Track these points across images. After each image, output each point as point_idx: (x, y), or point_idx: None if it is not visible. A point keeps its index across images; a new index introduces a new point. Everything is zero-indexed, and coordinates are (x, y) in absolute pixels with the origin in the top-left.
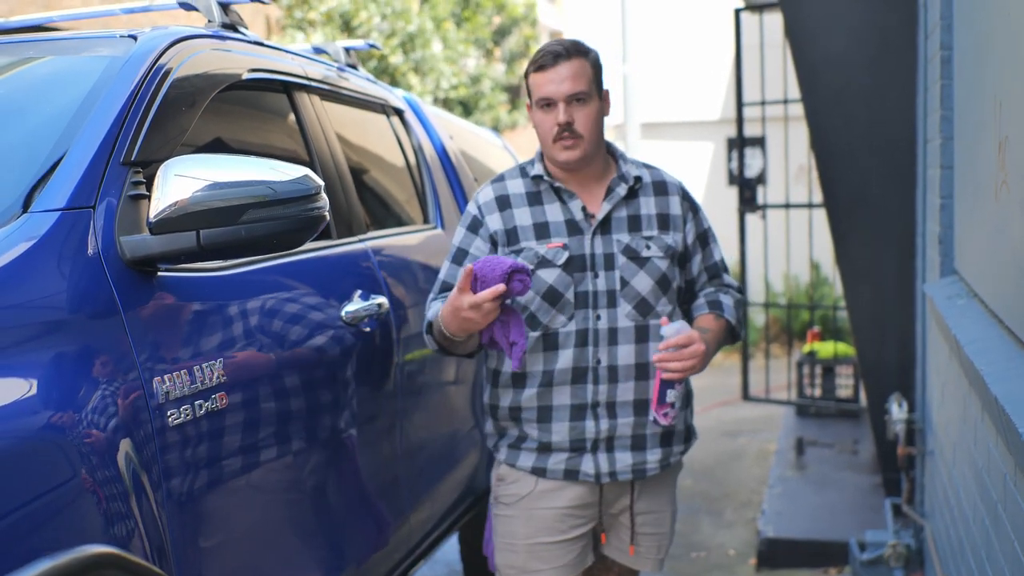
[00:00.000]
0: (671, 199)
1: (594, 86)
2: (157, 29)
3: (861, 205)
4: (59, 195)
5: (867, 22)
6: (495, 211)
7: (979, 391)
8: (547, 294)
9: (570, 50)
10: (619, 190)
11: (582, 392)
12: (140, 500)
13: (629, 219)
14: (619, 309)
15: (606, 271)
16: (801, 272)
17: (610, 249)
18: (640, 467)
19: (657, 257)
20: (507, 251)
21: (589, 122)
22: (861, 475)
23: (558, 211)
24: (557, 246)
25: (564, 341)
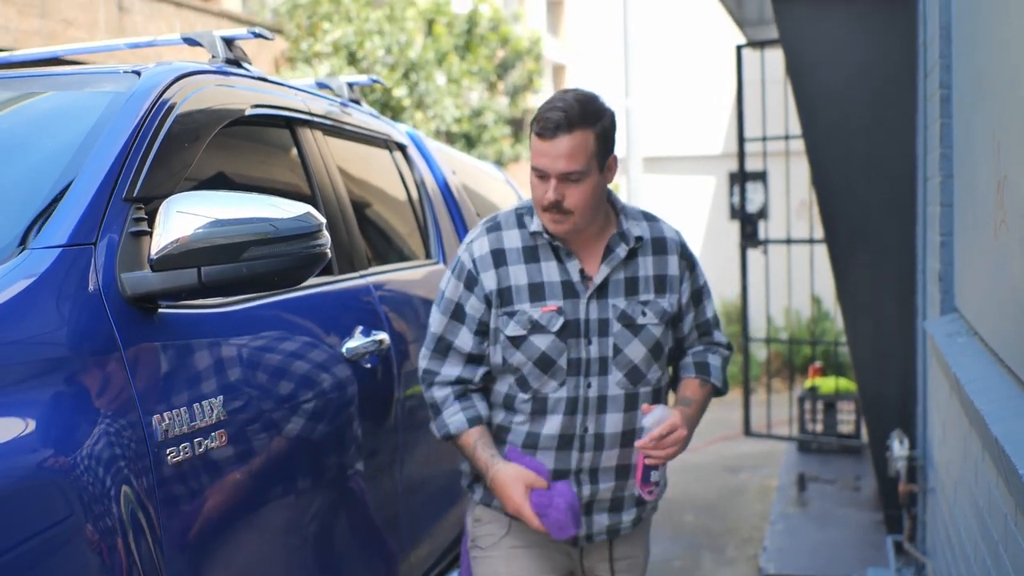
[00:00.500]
0: (670, 259)
1: (595, 161)
2: (161, 65)
3: (861, 241)
4: (60, 231)
5: (867, 60)
6: (491, 268)
7: (979, 430)
8: (539, 360)
9: (574, 121)
10: (619, 251)
11: (566, 458)
12: (138, 539)
13: (627, 282)
14: (610, 377)
15: (600, 337)
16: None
17: (605, 315)
18: (615, 527)
19: (652, 324)
20: (500, 312)
21: (582, 198)
22: (863, 512)
23: (555, 271)
24: (551, 310)
25: (553, 407)
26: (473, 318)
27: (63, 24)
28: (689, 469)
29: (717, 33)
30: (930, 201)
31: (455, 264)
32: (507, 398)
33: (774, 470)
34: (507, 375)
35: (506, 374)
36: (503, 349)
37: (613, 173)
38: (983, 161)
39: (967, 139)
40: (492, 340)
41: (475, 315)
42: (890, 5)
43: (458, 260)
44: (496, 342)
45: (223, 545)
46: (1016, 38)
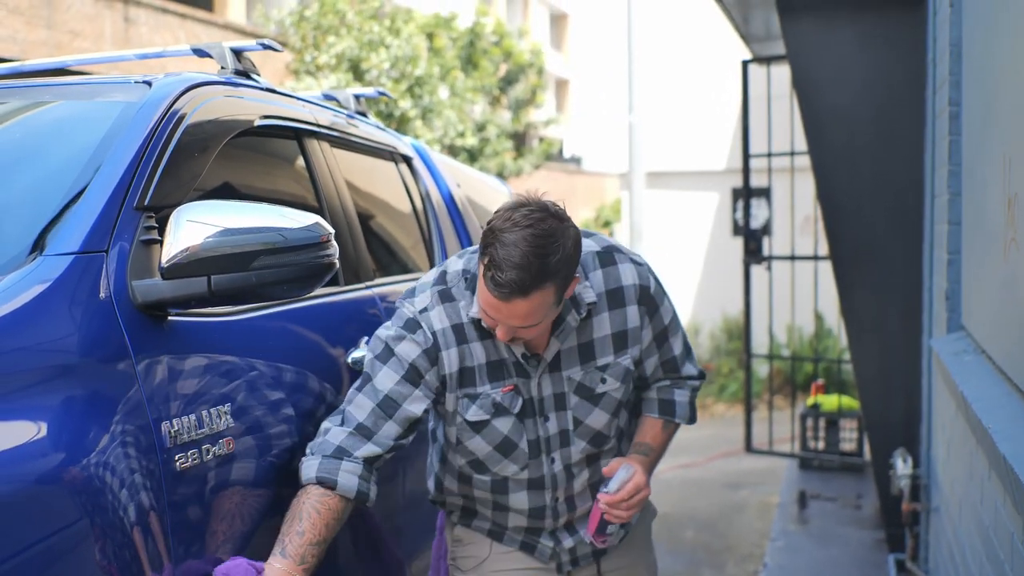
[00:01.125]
0: (628, 311)
1: (553, 306)
2: (171, 75)
3: (867, 258)
4: (73, 238)
5: (874, 76)
6: (452, 345)
7: (986, 449)
8: (501, 445)
9: (530, 285)
10: (570, 320)
11: (539, 520)
12: (147, 544)
13: (580, 349)
14: (572, 448)
15: (557, 411)
16: (805, 324)
17: (560, 388)
18: (601, 548)
19: (613, 389)
20: (460, 394)
21: (537, 332)
22: (864, 530)
23: (505, 348)
24: (509, 390)
25: (516, 486)
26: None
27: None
28: (690, 485)
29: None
30: (938, 219)
31: (405, 326)
32: (461, 475)
33: (775, 487)
34: (457, 454)
35: (455, 453)
36: (458, 431)
37: (573, 289)
38: (993, 179)
39: (977, 157)
40: (448, 421)
41: (414, 412)
42: (898, 21)
43: (411, 324)
44: (451, 423)
45: (230, 550)
46: None
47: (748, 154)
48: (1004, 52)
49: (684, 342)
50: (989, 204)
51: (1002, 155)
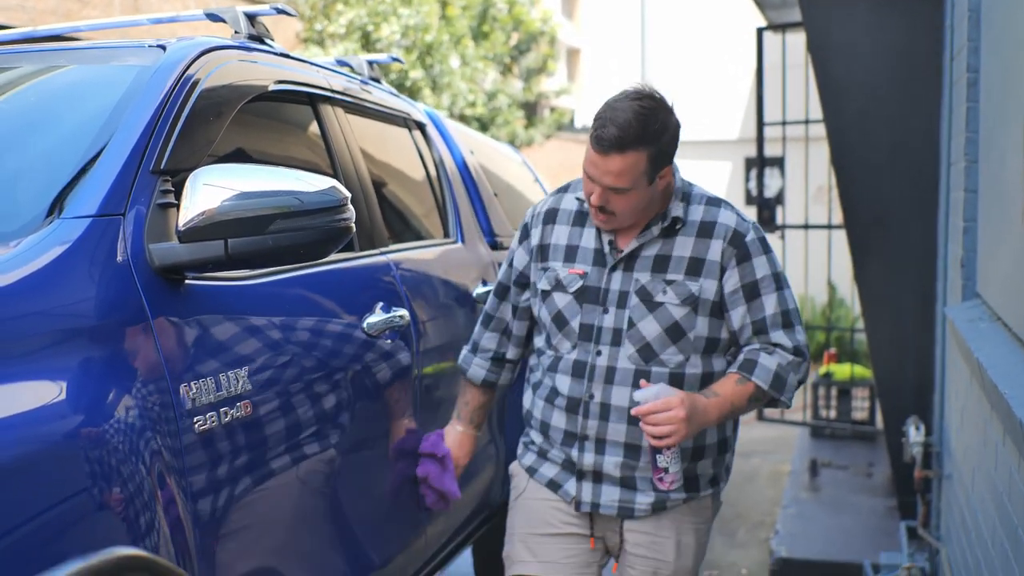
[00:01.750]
0: (712, 243)
1: (644, 178)
2: (185, 39)
3: (882, 226)
4: (90, 202)
5: (891, 43)
6: (541, 224)
7: (1002, 415)
8: (555, 318)
9: (627, 142)
10: (653, 228)
11: (574, 422)
12: (166, 504)
13: (656, 259)
14: (622, 349)
15: (617, 308)
16: (818, 293)
17: (626, 287)
18: (628, 506)
19: (672, 304)
20: (538, 266)
21: (627, 207)
22: (875, 498)
23: (592, 237)
24: (576, 273)
25: (564, 367)
26: (516, 270)
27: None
28: None
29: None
30: (954, 186)
31: (523, 219)
32: (539, 351)
33: (786, 455)
34: (541, 329)
35: (540, 328)
36: (538, 302)
37: (667, 181)
38: (1012, 146)
39: (995, 124)
40: (532, 292)
41: (519, 267)
42: None
43: (526, 217)
44: (535, 295)
45: (246, 511)
46: None
47: (762, 123)
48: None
49: (784, 311)
50: (1006, 171)
51: (1021, 122)
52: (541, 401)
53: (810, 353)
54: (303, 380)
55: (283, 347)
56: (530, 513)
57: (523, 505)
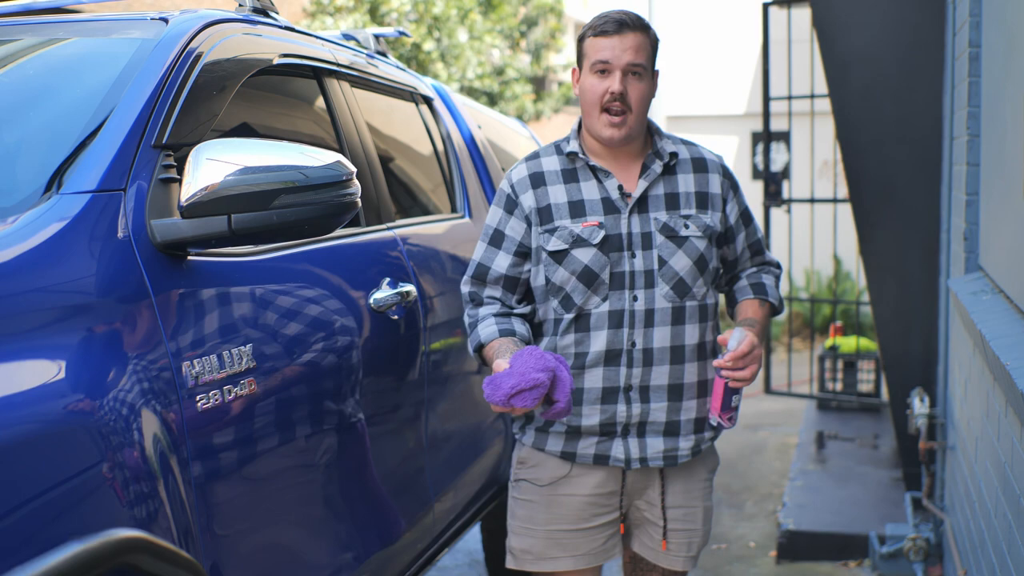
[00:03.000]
0: (711, 176)
1: (651, 63)
2: (187, 12)
3: (887, 200)
4: (90, 177)
5: (896, 18)
6: (528, 189)
7: (1004, 386)
8: (582, 275)
9: (635, 22)
10: (655, 167)
11: (615, 375)
12: (168, 484)
13: (667, 197)
14: (656, 290)
15: (644, 251)
16: (824, 267)
17: (647, 228)
18: (672, 453)
19: (695, 237)
20: (541, 230)
21: (640, 98)
22: (881, 469)
23: (594, 189)
24: (592, 224)
25: (597, 322)
26: (512, 239)
27: None
28: None
29: None
30: (956, 160)
31: (497, 196)
32: (553, 323)
33: (794, 428)
34: (551, 298)
35: (550, 297)
36: (545, 268)
37: (655, 89)
38: (1013, 120)
39: (996, 98)
40: (535, 260)
41: (515, 236)
42: None
43: (499, 190)
44: (539, 262)
45: (250, 491)
46: None
47: (768, 98)
48: None
49: (762, 233)
50: (1008, 145)
51: (1021, 96)
52: (569, 345)
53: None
54: (308, 357)
55: (288, 324)
56: (559, 508)
57: (551, 500)
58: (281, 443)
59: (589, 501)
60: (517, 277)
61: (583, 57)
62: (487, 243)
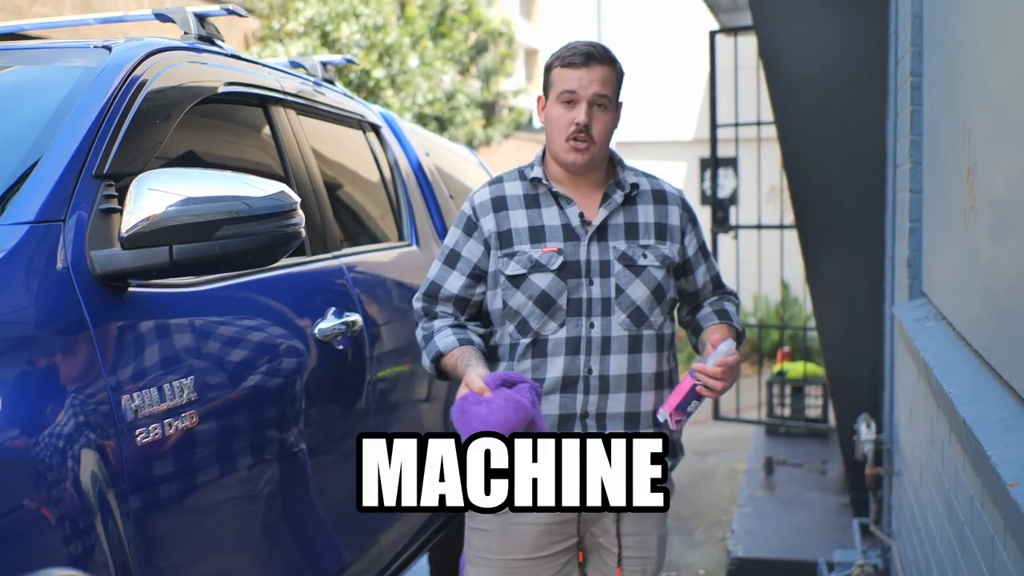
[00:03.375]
0: (670, 209)
1: (615, 96)
2: (132, 40)
3: (832, 226)
4: (29, 208)
5: (840, 47)
6: (490, 212)
7: (947, 413)
8: (539, 299)
9: (602, 55)
10: (616, 197)
11: (571, 402)
12: (106, 520)
13: (626, 227)
14: (613, 318)
15: (601, 278)
16: (772, 292)
17: (606, 256)
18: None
19: (653, 266)
20: (500, 254)
21: (604, 130)
22: (830, 495)
23: (555, 215)
24: (551, 250)
25: (554, 348)
26: (468, 261)
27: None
28: None
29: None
30: (900, 187)
31: (458, 217)
32: (509, 348)
33: (742, 454)
34: (507, 322)
35: (506, 321)
36: (503, 291)
37: (618, 119)
38: (953, 148)
39: (937, 126)
40: (492, 284)
41: (471, 258)
42: None
43: (461, 212)
44: (496, 285)
45: (191, 526)
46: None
47: (715, 124)
48: (963, 24)
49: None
50: (949, 173)
51: (962, 125)
52: (526, 367)
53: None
54: (251, 389)
55: (231, 355)
56: (514, 537)
57: (505, 529)
58: (223, 475)
59: (544, 529)
60: (468, 298)
61: (550, 86)
62: (442, 262)
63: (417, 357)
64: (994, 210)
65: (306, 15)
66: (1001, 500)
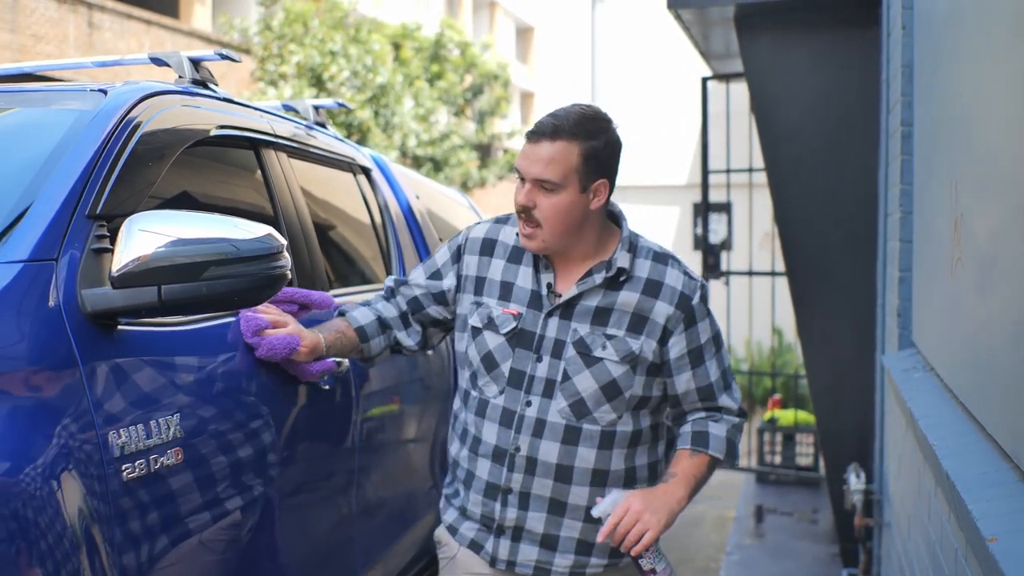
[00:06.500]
0: (658, 304)
1: (575, 177)
2: (128, 84)
3: (822, 274)
4: (23, 246)
5: (829, 95)
6: (476, 254)
7: (932, 465)
8: (485, 358)
9: (561, 130)
10: (596, 277)
11: (498, 473)
12: (91, 556)
13: (597, 310)
14: (553, 402)
15: (551, 358)
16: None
17: (563, 336)
18: (544, 567)
19: (611, 360)
20: (471, 299)
21: (552, 214)
22: (819, 544)
23: (528, 278)
24: (511, 313)
25: (491, 413)
26: (437, 286)
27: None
28: None
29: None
30: (890, 236)
31: (453, 239)
32: (465, 393)
33: (732, 501)
34: (465, 368)
35: (464, 367)
36: (467, 338)
37: (601, 200)
38: (940, 199)
39: (926, 176)
40: (460, 326)
41: (443, 286)
42: (852, 42)
43: (458, 236)
44: (463, 329)
45: (177, 563)
46: (968, 83)
47: (707, 170)
48: (948, 78)
49: (725, 374)
50: (937, 223)
51: (948, 176)
52: (466, 450)
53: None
54: (237, 427)
55: (217, 394)
56: None
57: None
58: (207, 513)
59: None
60: (423, 308)
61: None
62: (422, 267)
63: (405, 397)
64: (978, 262)
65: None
66: (982, 555)
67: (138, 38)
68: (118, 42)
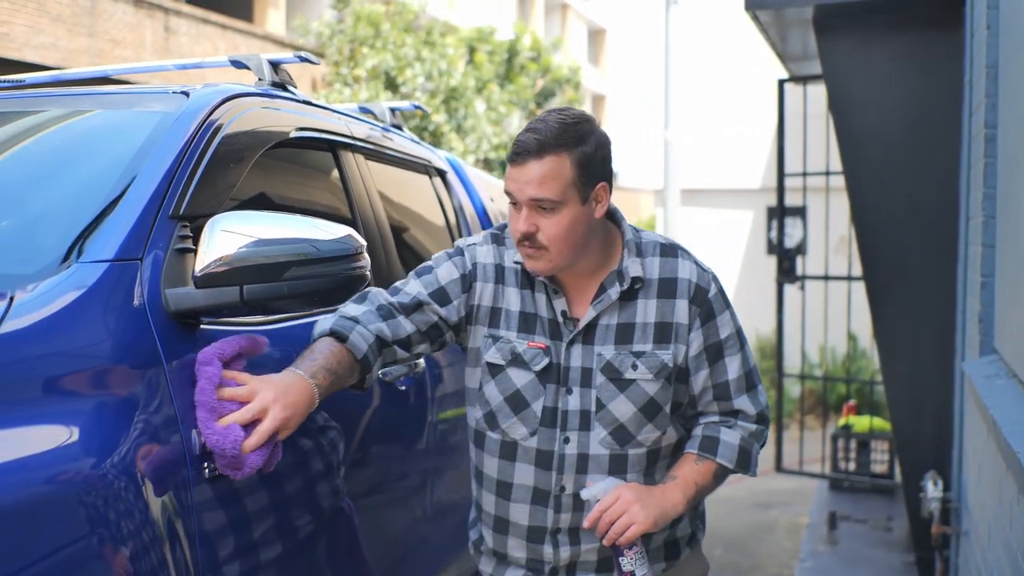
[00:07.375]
0: (677, 304)
1: (573, 189)
2: (209, 86)
3: (901, 279)
4: (108, 246)
5: (910, 97)
6: (490, 281)
7: (1015, 474)
8: (512, 398)
9: (546, 145)
10: (611, 292)
11: (542, 516)
12: (175, 552)
13: (619, 328)
14: (592, 434)
15: (581, 388)
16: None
17: (589, 363)
18: None
19: (645, 380)
20: (486, 332)
21: (558, 232)
22: (894, 553)
23: (544, 305)
24: (538, 347)
25: (524, 456)
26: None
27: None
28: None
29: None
30: (972, 241)
31: (453, 252)
32: (477, 434)
33: (805, 507)
34: (477, 406)
35: (476, 404)
36: (481, 375)
37: (604, 206)
38: None
39: (1012, 179)
40: (471, 360)
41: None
42: (934, 42)
43: (458, 251)
44: (476, 364)
45: (257, 559)
46: None
47: (783, 173)
48: None
49: (746, 372)
50: (1021, 228)
51: None
52: (491, 496)
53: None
54: (315, 426)
55: None
56: None
57: None
58: (287, 511)
59: None
60: (407, 338)
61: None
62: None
63: None
64: None
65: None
66: None
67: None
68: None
